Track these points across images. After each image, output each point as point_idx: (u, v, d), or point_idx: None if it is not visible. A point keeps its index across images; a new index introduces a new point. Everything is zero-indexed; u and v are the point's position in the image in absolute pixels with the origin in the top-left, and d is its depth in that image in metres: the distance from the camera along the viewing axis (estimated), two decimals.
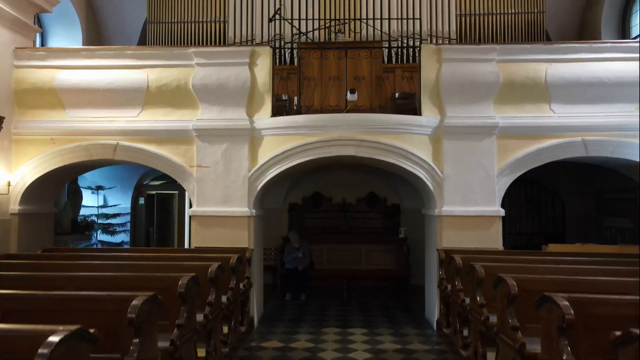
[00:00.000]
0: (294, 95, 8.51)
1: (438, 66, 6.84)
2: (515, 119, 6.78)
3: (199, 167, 6.97)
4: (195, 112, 7.05)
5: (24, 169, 7.14)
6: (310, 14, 9.92)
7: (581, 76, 6.70)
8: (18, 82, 7.19)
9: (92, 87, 7.10)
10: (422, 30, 9.79)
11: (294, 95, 8.54)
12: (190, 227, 7.44)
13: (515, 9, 9.85)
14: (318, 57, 7.05)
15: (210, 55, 6.98)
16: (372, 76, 7.64)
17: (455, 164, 6.76)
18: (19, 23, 7.25)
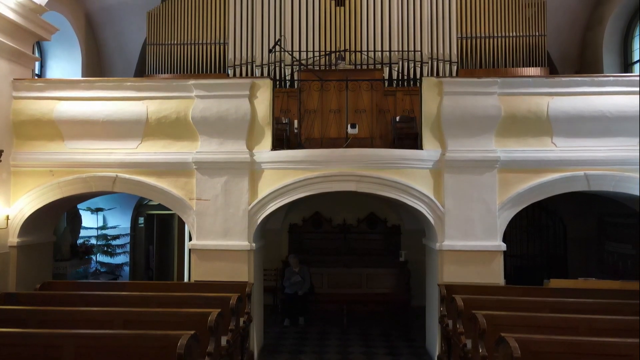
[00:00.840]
0: (294, 119, 8.49)
1: (439, 99, 6.80)
2: (517, 152, 6.73)
3: (198, 200, 6.94)
4: (195, 144, 7.01)
5: (22, 201, 7.10)
6: (311, 41, 9.88)
7: (583, 110, 6.66)
8: (16, 114, 7.15)
9: (91, 119, 7.06)
10: (422, 53, 9.78)
11: (294, 118, 8.52)
12: (190, 256, 7.38)
13: (516, 32, 9.81)
14: (318, 89, 7.01)
15: (210, 87, 6.94)
16: (373, 105, 7.61)
17: (457, 198, 6.72)
18: (17, 53, 7.22)
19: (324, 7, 9.98)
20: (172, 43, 10.26)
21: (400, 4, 9.91)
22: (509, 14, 9.82)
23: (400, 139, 9.43)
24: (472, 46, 9.87)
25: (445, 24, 9.79)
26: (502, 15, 9.83)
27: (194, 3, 10.25)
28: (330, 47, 9.90)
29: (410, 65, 9.79)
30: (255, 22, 10.04)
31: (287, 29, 9.94)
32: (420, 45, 9.79)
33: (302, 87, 7.11)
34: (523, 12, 9.81)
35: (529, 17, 9.79)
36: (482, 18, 9.86)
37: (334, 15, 9.97)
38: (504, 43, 9.82)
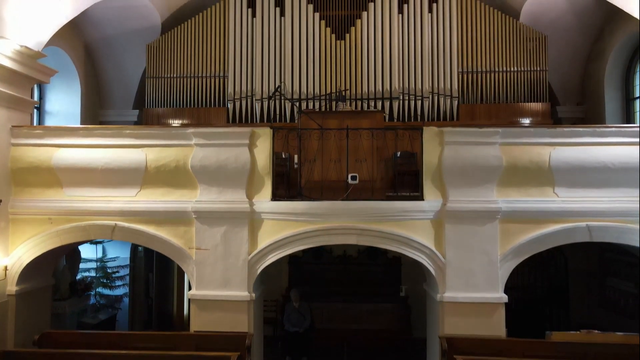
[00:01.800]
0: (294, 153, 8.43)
1: (440, 149, 6.76)
2: (519, 202, 6.68)
3: (198, 250, 6.89)
4: (194, 193, 6.96)
5: (21, 250, 7.06)
6: (311, 74, 9.84)
7: (585, 160, 6.61)
8: (15, 161, 7.10)
9: (90, 166, 7.01)
10: (423, 88, 9.74)
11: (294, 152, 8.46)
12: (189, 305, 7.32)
13: (517, 67, 9.77)
14: (318, 139, 6.96)
15: (209, 135, 6.89)
16: (374, 149, 7.53)
17: (458, 249, 6.67)
18: (15, 100, 7.17)
19: (324, 41, 9.94)
20: (171, 76, 10.23)
21: (401, 37, 9.87)
22: (510, 48, 9.78)
23: (400, 174, 9.41)
24: (473, 80, 9.84)
25: (446, 58, 9.76)
26: (503, 50, 9.80)
27: (194, 36, 10.21)
28: (330, 81, 9.87)
29: (411, 100, 9.74)
30: (255, 55, 10.00)
31: (288, 62, 9.90)
32: (421, 80, 9.74)
33: (303, 135, 7.05)
34: (524, 46, 9.77)
35: (530, 52, 9.74)
36: (483, 52, 9.82)
37: (335, 49, 9.94)
38: (505, 78, 9.78)
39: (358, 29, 9.90)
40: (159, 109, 10.20)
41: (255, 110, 9.92)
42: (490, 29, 9.82)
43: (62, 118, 10.41)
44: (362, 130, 7.06)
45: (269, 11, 10.03)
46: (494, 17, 9.82)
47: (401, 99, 9.73)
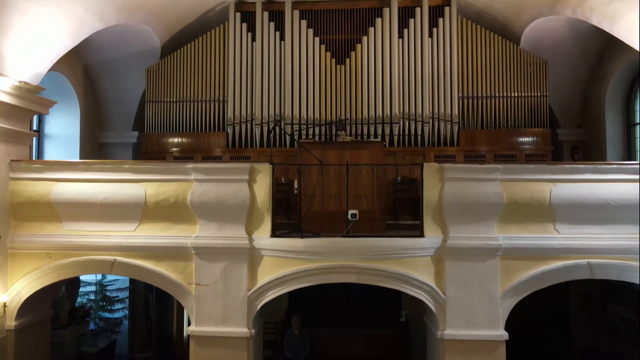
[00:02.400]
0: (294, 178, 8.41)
1: (440, 185, 6.73)
2: (519, 239, 6.66)
3: (197, 285, 6.86)
4: (194, 228, 6.94)
5: (19, 284, 7.04)
6: (311, 98, 9.81)
7: (586, 197, 6.58)
8: (14, 195, 7.08)
9: (89, 201, 6.99)
10: (424, 113, 9.71)
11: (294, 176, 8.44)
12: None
13: (517, 92, 9.73)
14: (318, 173, 6.93)
15: (208, 171, 6.86)
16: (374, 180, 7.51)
17: (458, 286, 6.64)
18: (14, 134, 7.16)
19: (324, 65, 9.91)
20: (171, 100, 10.20)
21: (401, 62, 9.83)
22: (511, 73, 9.75)
23: (400, 201, 9.39)
24: (473, 106, 9.80)
25: (447, 83, 9.72)
26: (503, 75, 9.76)
27: (193, 60, 10.18)
28: (331, 105, 9.85)
29: (411, 125, 9.71)
30: (255, 79, 9.97)
31: (287, 87, 9.87)
32: (422, 105, 9.71)
33: (303, 172, 7.03)
34: (525, 72, 9.73)
35: (531, 77, 9.71)
36: (484, 78, 9.79)
37: (335, 73, 9.90)
38: (506, 103, 9.75)
39: (358, 54, 9.87)
40: (158, 134, 10.17)
41: (255, 135, 9.89)
42: (491, 54, 9.78)
43: (62, 141, 10.39)
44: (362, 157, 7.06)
45: (268, 35, 9.99)
46: (494, 42, 9.78)
47: (401, 124, 9.70)
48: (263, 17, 10.00)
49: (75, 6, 7.35)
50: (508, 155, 9.64)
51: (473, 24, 9.86)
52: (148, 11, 8.97)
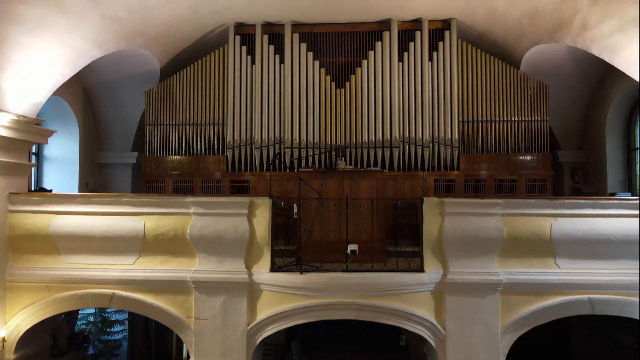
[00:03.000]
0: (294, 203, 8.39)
1: (441, 219, 6.70)
2: (520, 274, 6.63)
3: (197, 319, 6.84)
4: (193, 261, 6.91)
5: (18, 318, 7.01)
6: (311, 122, 9.79)
7: (587, 232, 6.56)
8: (12, 228, 7.06)
9: (88, 234, 6.96)
10: (424, 136, 9.69)
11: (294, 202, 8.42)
12: None
13: (517, 116, 9.71)
14: (318, 207, 6.91)
15: (208, 205, 6.84)
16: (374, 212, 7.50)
17: (458, 321, 6.61)
18: (12, 166, 7.14)
19: (324, 89, 9.88)
20: (170, 123, 10.18)
21: (401, 86, 9.81)
22: (511, 98, 9.73)
23: (401, 226, 9.38)
24: (473, 130, 9.78)
25: (447, 107, 9.70)
26: (503, 99, 9.74)
27: (193, 83, 10.17)
28: (330, 129, 9.83)
29: (411, 148, 9.68)
30: (255, 102, 9.95)
31: (287, 110, 9.85)
32: (422, 129, 9.69)
33: (303, 205, 7.01)
34: (525, 96, 9.71)
35: (531, 102, 9.69)
36: (484, 102, 9.77)
37: (335, 97, 9.88)
38: (506, 127, 9.73)
39: (358, 77, 9.85)
40: (157, 157, 10.15)
41: (254, 158, 9.87)
42: (491, 78, 9.76)
43: (61, 163, 10.39)
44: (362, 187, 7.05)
45: (268, 58, 9.97)
46: (494, 66, 9.76)
47: (401, 148, 9.68)
48: (263, 40, 9.98)
49: (74, 37, 7.32)
50: (508, 180, 9.62)
51: (473, 48, 9.84)
52: (147, 37, 8.94)
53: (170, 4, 8.39)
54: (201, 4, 8.78)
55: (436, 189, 9.64)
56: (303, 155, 9.70)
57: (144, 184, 10.09)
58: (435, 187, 9.64)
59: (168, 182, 9.98)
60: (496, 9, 8.60)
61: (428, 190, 9.59)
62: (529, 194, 9.58)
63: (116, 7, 7.62)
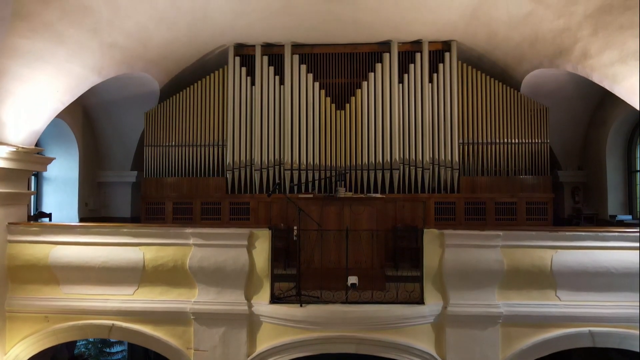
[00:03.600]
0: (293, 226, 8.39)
1: (441, 251, 6.69)
2: (520, 306, 6.60)
3: (196, 351, 6.81)
4: (193, 292, 6.90)
5: (17, 349, 6.99)
6: (311, 145, 9.78)
7: (587, 265, 6.54)
8: (11, 258, 7.04)
9: (87, 265, 6.94)
10: (424, 159, 9.67)
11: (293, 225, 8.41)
12: None
13: (518, 139, 9.69)
14: (318, 238, 6.90)
15: (207, 236, 6.82)
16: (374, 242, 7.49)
17: (459, 353, 6.58)
18: (12, 196, 7.12)
19: (324, 110, 9.86)
20: (169, 145, 10.16)
21: (401, 108, 9.79)
22: (511, 120, 9.70)
23: (401, 249, 9.35)
24: (473, 152, 9.76)
25: (447, 129, 9.68)
26: (504, 122, 9.72)
27: (192, 104, 10.15)
28: (330, 151, 9.81)
29: (411, 170, 9.66)
30: (254, 123, 9.93)
31: (287, 132, 9.82)
32: (422, 151, 9.67)
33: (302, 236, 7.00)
34: (525, 118, 9.69)
35: (532, 124, 9.67)
36: (484, 124, 9.74)
37: (335, 119, 9.86)
38: (506, 150, 9.71)
39: (358, 99, 9.83)
40: (157, 179, 10.13)
41: (254, 180, 9.85)
42: (491, 100, 9.74)
43: (61, 183, 10.38)
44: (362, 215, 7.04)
45: (268, 79, 9.95)
46: (495, 88, 9.74)
47: (401, 170, 9.66)
48: (262, 62, 9.96)
49: (73, 65, 7.30)
50: (508, 203, 9.60)
51: (473, 70, 9.82)
52: (146, 60, 8.93)
53: (169, 28, 8.37)
54: (200, 27, 8.76)
55: (436, 211, 9.62)
56: (303, 178, 9.68)
57: (143, 206, 10.07)
58: (436, 210, 9.62)
59: (168, 204, 9.97)
60: (496, 34, 8.59)
61: (428, 213, 9.58)
62: (529, 217, 9.56)
63: (115, 34, 7.60)
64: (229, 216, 9.85)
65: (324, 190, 9.49)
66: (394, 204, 9.51)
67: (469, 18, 8.37)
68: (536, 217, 9.56)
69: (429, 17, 8.50)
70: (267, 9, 8.20)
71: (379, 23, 8.86)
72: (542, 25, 7.55)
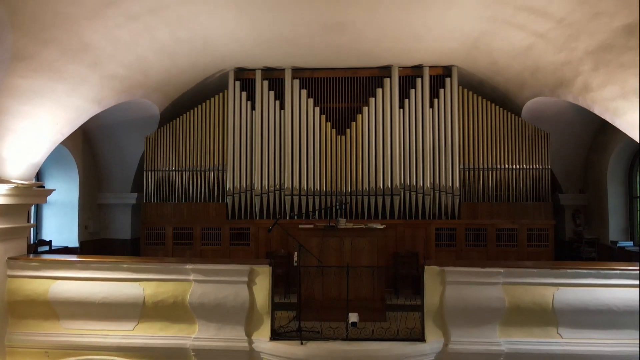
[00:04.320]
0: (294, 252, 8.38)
1: (442, 288, 6.67)
2: (522, 344, 6.57)
3: None
4: (193, 327, 6.87)
5: None
6: (311, 170, 9.76)
7: (589, 302, 6.52)
8: (11, 293, 7.02)
9: (87, 300, 6.92)
10: (425, 184, 9.66)
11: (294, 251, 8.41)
12: None
13: (519, 164, 9.67)
14: (319, 276, 6.89)
15: (208, 272, 6.80)
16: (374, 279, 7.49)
17: None
18: (11, 231, 7.10)
19: (324, 135, 9.85)
20: (169, 169, 10.14)
21: (402, 133, 9.77)
22: (512, 146, 9.70)
23: (402, 276, 9.34)
24: (474, 177, 9.74)
25: (448, 155, 9.66)
26: (504, 147, 9.71)
27: (192, 128, 10.15)
28: (331, 176, 9.80)
29: (412, 196, 9.65)
30: (255, 148, 9.91)
31: (287, 157, 9.81)
32: (422, 176, 9.65)
33: (302, 278, 7.00)
34: (526, 144, 9.68)
35: (532, 150, 9.65)
36: (485, 149, 9.74)
37: (335, 144, 9.85)
38: (507, 175, 9.69)
39: (359, 124, 9.81)
40: (157, 203, 10.12)
41: (254, 206, 9.84)
42: (492, 125, 9.73)
43: (61, 207, 10.38)
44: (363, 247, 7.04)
45: (268, 104, 9.94)
46: (495, 114, 9.73)
47: (402, 195, 9.64)
48: (263, 86, 9.95)
49: (73, 99, 7.29)
50: (509, 229, 9.58)
51: (474, 95, 9.80)
52: (147, 88, 8.92)
53: (170, 56, 8.35)
54: (200, 53, 8.74)
55: (437, 237, 9.60)
56: (303, 203, 9.67)
57: (143, 231, 10.06)
58: (437, 236, 9.60)
59: (168, 229, 9.95)
60: (497, 62, 8.57)
61: (429, 239, 9.56)
62: (530, 243, 9.55)
63: (115, 66, 7.59)
64: (229, 242, 9.84)
65: (324, 215, 9.46)
66: (394, 230, 9.50)
67: (469, 48, 8.35)
68: (537, 244, 9.55)
69: (430, 45, 8.48)
70: (267, 38, 8.18)
71: (379, 51, 8.85)
72: (543, 58, 7.54)
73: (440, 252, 9.50)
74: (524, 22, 6.86)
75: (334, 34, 7.95)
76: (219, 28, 7.66)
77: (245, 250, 9.76)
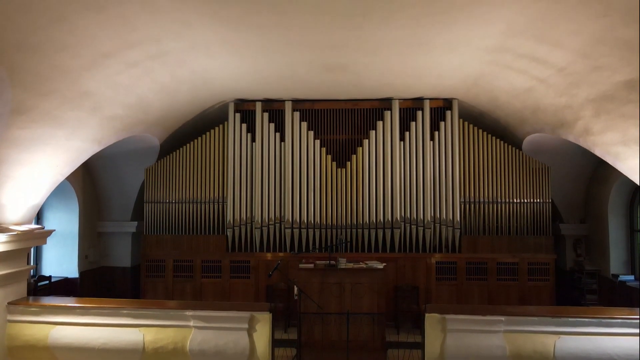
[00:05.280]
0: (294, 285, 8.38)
1: (443, 336, 6.65)
2: None
3: None
4: None
5: None
6: (311, 203, 9.75)
7: (590, 351, 6.48)
8: (11, 339, 7.00)
9: (87, 346, 6.89)
10: (425, 218, 9.64)
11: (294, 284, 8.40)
12: None
13: (519, 198, 9.65)
14: (320, 323, 6.87)
15: (208, 319, 6.78)
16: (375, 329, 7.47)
17: None
18: (12, 276, 7.08)
19: (325, 168, 9.83)
20: (169, 201, 10.13)
21: (403, 166, 9.75)
22: (513, 179, 9.67)
23: (403, 312, 9.32)
24: (475, 211, 9.72)
25: (448, 188, 9.64)
26: (505, 181, 9.68)
27: (192, 160, 10.13)
28: (331, 209, 9.78)
29: (412, 229, 9.63)
30: (255, 180, 9.90)
31: (288, 189, 9.80)
32: (423, 209, 9.64)
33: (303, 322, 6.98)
34: (527, 178, 9.66)
35: (533, 184, 9.63)
36: (486, 183, 9.71)
37: (336, 177, 9.83)
38: (508, 209, 9.67)
39: (359, 157, 9.80)
40: (157, 236, 10.11)
41: (254, 238, 9.82)
42: (493, 158, 9.71)
43: (61, 238, 10.36)
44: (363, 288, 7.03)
45: (268, 136, 9.93)
46: (496, 147, 9.71)
47: (402, 228, 9.62)
48: (263, 118, 9.94)
49: (73, 142, 7.27)
50: (510, 263, 9.56)
51: (475, 128, 9.79)
52: (147, 124, 8.91)
53: (170, 94, 8.34)
54: (201, 88, 8.72)
55: (437, 271, 9.58)
56: (304, 235, 9.66)
57: (143, 263, 10.04)
58: (437, 269, 9.58)
59: (168, 262, 9.94)
60: (498, 98, 8.55)
61: (430, 273, 9.54)
62: (530, 277, 9.53)
63: (115, 108, 7.57)
64: (229, 274, 9.82)
65: (324, 247, 9.44)
66: (395, 263, 9.49)
67: (470, 85, 8.34)
68: (538, 278, 9.53)
69: (430, 81, 8.46)
70: (266, 75, 8.16)
71: (380, 85, 8.83)
72: (544, 100, 7.52)
73: (441, 286, 9.48)
74: (524, 67, 6.84)
75: (335, 74, 7.93)
76: (218, 69, 7.65)
77: (246, 283, 9.74)
